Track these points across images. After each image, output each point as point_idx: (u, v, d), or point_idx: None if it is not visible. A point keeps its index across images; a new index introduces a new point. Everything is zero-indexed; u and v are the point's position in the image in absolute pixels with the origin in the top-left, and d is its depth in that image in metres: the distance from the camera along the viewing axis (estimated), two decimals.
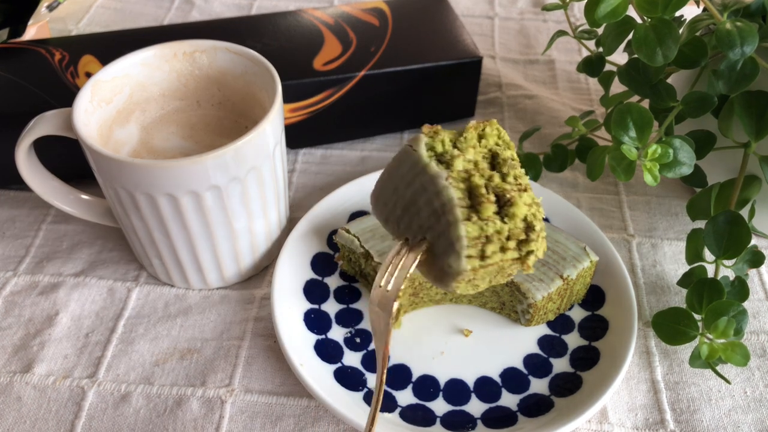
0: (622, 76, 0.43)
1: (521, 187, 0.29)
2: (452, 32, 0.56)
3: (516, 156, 0.30)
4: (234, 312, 0.44)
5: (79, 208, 0.44)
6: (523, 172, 0.29)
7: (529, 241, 0.28)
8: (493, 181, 0.29)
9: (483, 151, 0.30)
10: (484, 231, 0.27)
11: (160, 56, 0.43)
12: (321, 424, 0.38)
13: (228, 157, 0.36)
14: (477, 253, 0.28)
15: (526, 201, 0.28)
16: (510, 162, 0.29)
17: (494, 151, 0.30)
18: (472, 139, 0.30)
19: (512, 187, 0.28)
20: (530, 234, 0.28)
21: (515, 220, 0.28)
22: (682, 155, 0.38)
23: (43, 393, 0.39)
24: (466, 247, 0.27)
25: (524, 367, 0.41)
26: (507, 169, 0.29)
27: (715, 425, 0.38)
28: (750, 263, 0.41)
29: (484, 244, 0.28)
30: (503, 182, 0.29)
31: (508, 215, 0.28)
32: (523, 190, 0.29)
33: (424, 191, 0.29)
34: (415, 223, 0.30)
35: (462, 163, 0.29)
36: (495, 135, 0.31)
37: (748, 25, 0.37)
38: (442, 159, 0.29)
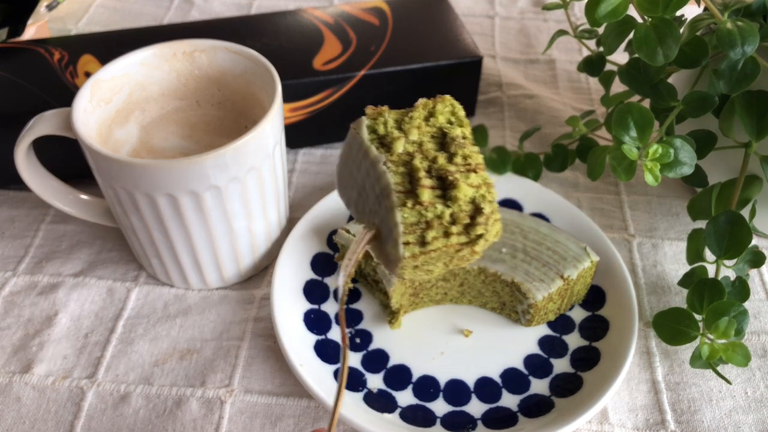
0: (623, 75, 0.43)
1: (470, 167, 0.27)
2: (452, 32, 0.56)
3: (469, 134, 0.28)
4: (234, 312, 0.44)
5: (79, 208, 0.44)
6: (477, 150, 0.28)
7: (475, 224, 0.26)
8: (437, 163, 0.27)
9: (432, 131, 0.28)
10: (423, 216, 0.26)
11: (159, 56, 0.43)
12: (321, 424, 0.38)
13: (227, 157, 0.36)
14: (416, 240, 0.26)
15: (473, 182, 0.27)
16: (459, 141, 0.28)
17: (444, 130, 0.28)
18: (418, 118, 0.28)
19: (458, 168, 0.27)
20: (478, 217, 0.26)
21: (458, 202, 0.26)
22: (682, 155, 0.38)
23: (42, 393, 0.39)
24: (402, 234, 0.26)
25: (525, 367, 0.41)
26: (455, 148, 0.27)
27: (715, 426, 0.38)
28: (751, 263, 0.41)
29: (424, 230, 0.26)
30: (448, 163, 0.27)
31: (451, 198, 0.26)
32: (471, 171, 0.27)
33: (368, 176, 0.28)
34: (366, 207, 0.29)
35: (403, 145, 0.27)
36: (447, 113, 0.29)
37: (749, 24, 0.37)
38: (384, 141, 0.28)
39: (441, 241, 0.26)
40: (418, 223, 0.26)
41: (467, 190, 0.26)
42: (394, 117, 0.28)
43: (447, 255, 0.27)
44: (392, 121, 0.28)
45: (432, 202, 0.26)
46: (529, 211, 0.49)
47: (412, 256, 0.26)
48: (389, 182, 0.27)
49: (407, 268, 0.28)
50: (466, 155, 0.27)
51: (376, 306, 0.44)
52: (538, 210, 0.49)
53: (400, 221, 0.26)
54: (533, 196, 0.49)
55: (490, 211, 0.27)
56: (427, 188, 0.26)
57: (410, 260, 0.27)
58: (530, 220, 0.45)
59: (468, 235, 0.27)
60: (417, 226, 0.26)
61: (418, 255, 0.26)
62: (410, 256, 0.26)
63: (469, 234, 0.27)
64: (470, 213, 0.26)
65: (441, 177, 0.27)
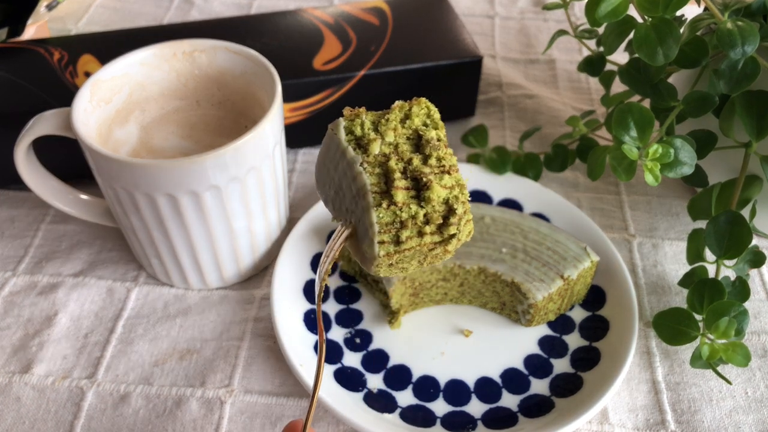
0: (623, 75, 0.43)
1: (443, 168, 0.28)
2: (452, 32, 0.56)
3: (443, 136, 0.29)
4: (233, 312, 0.44)
5: (78, 208, 0.44)
6: (450, 152, 0.29)
7: (448, 225, 0.27)
8: (412, 164, 0.28)
9: (408, 133, 0.29)
10: (397, 216, 0.27)
11: (159, 56, 0.43)
12: (321, 424, 0.38)
13: (227, 156, 0.36)
14: (390, 239, 0.27)
15: (446, 183, 0.28)
16: (434, 143, 0.28)
17: (419, 132, 0.29)
18: (394, 120, 0.29)
19: (432, 169, 0.28)
20: (450, 217, 0.27)
21: (432, 203, 0.27)
22: (683, 155, 0.38)
23: (42, 393, 0.39)
24: (378, 233, 0.27)
25: (525, 367, 0.41)
26: (429, 150, 0.28)
27: (716, 426, 0.38)
28: (751, 263, 0.40)
29: (398, 229, 0.27)
30: (423, 165, 0.28)
31: (425, 199, 0.27)
32: (445, 172, 0.28)
33: (345, 176, 0.29)
34: (343, 206, 0.30)
35: (379, 146, 0.28)
36: (422, 115, 0.30)
37: (749, 24, 0.37)
38: (361, 143, 0.29)
39: (415, 240, 0.27)
40: (392, 222, 0.27)
41: (440, 191, 0.27)
42: (371, 118, 0.29)
43: (421, 254, 0.28)
44: (369, 122, 0.29)
45: (406, 202, 0.27)
46: (529, 211, 0.49)
47: (387, 254, 0.27)
48: (365, 183, 0.28)
49: (382, 266, 0.29)
50: (440, 157, 0.28)
51: (376, 306, 0.44)
52: (538, 210, 0.49)
53: (375, 221, 0.27)
54: (533, 196, 0.49)
55: (462, 211, 0.27)
56: (401, 189, 0.27)
57: (385, 259, 0.28)
58: (530, 220, 0.45)
59: (441, 235, 0.27)
60: (392, 226, 0.27)
61: (393, 254, 0.27)
62: (385, 255, 0.27)
63: (442, 234, 0.27)
64: (443, 213, 0.27)
65: (415, 178, 0.28)
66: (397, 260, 0.28)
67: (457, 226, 0.27)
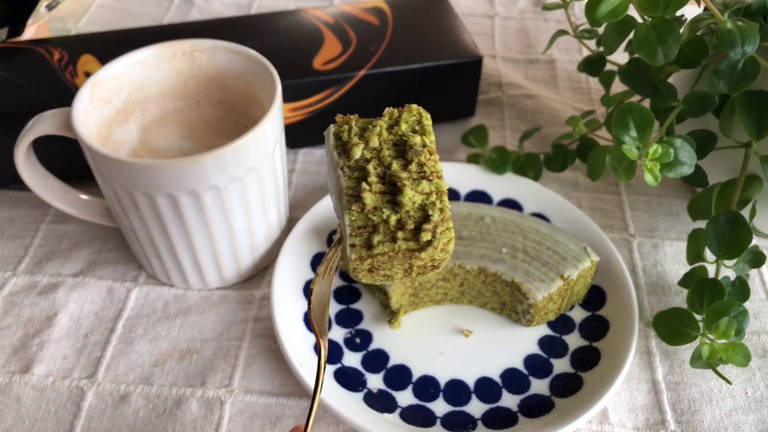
0: (623, 75, 0.43)
1: (423, 174, 0.28)
2: (452, 32, 0.56)
3: (429, 142, 0.29)
4: (234, 312, 0.44)
5: (78, 208, 0.44)
6: (435, 159, 0.28)
7: (422, 231, 0.27)
8: (391, 169, 0.28)
9: (395, 138, 0.29)
10: (370, 220, 0.27)
11: (159, 56, 0.43)
12: (321, 424, 0.38)
13: (227, 156, 0.36)
14: (362, 243, 0.27)
15: (423, 189, 0.27)
16: (416, 149, 0.28)
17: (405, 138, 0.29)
18: (379, 126, 0.29)
19: (410, 174, 0.28)
20: (425, 224, 0.27)
21: (405, 208, 0.27)
22: (683, 155, 0.38)
23: (42, 393, 0.39)
24: (349, 236, 0.27)
25: (525, 367, 0.41)
26: (411, 155, 0.28)
27: (716, 426, 0.38)
28: (751, 263, 0.40)
29: (371, 233, 0.27)
30: (402, 170, 0.28)
31: (398, 203, 0.27)
32: (424, 178, 0.28)
33: (332, 181, 0.30)
34: (336, 210, 0.30)
35: (361, 151, 0.28)
36: (412, 121, 0.30)
37: (749, 24, 0.37)
38: (345, 148, 0.29)
39: (388, 245, 0.27)
40: (365, 226, 0.27)
41: (413, 195, 0.27)
42: (360, 125, 0.29)
43: (402, 261, 0.28)
44: (357, 128, 0.29)
45: (377, 206, 0.27)
46: (529, 211, 0.49)
47: (359, 258, 0.27)
48: (343, 186, 0.28)
49: (361, 271, 0.29)
50: (422, 162, 0.28)
51: (376, 306, 0.44)
52: (538, 210, 0.49)
53: (347, 224, 0.27)
54: (533, 196, 0.49)
55: (439, 218, 0.27)
56: (370, 192, 0.27)
57: (358, 262, 0.28)
58: (530, 220, 0.45)
59: (417, 242, 0.27)
60: (364, 230, 0.27)
61: (366, 258, 0.27)
62: (357, 258, 0.27)
63: (418, 241, 0.27)
64: (418, 219, 0.27)
65: (393, 183, 0.28)
66: (374, 265, 0.28)
67: (432, 233, 0.27)
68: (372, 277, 0.29)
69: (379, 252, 0.27)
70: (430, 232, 0.27)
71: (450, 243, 0.28)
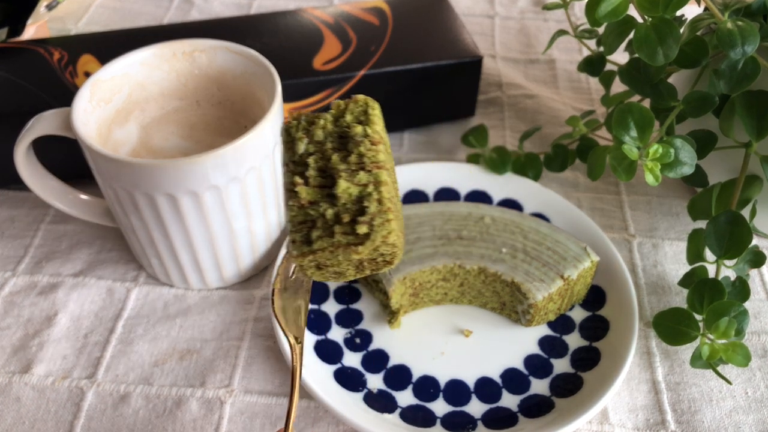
0: (623, 75, 0.43)
1: (362, 165, 0.27)
2: (452, 32, 0.56)
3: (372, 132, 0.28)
4: (233, 312, 0.44)
5: (78, 208, 0.44)
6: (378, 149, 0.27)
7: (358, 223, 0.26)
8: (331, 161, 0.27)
9: (340, 131, 0.28)
10: (309, 215, 0.26)
11: (159, 56, 0.43)
12: (321, 424, 0.38)
13: (227, 156, 0.36)
14: (302, 238, 0.26)
15: (360, 180, 0.26)
16: (357, 139, 0.27)
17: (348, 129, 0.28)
18: (324, 120, 0.28)
19: (348, 166, 0.27)
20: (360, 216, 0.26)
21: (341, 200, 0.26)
22: (683, 155, 0.38)
23: (42, 393, 0.39)
24: (290, 232, 0.27)
25: (525, 367, 0.41)
26: (352, 146, 0.27)
27: (716, 426, 0.38)
28: (751, 263, 0.40)
29: (310, 228, 0.26)
30: (341, 162, 0.27)
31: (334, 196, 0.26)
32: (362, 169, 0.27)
33: None
34: None
35: (305, 145, 0.28)
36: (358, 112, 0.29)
37: (749, 24, 0.37)
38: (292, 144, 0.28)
39: (326, 240, 0.26)
40: (305, 222, 0.27)
41: (348, 187, 0.26)
42: (308, 119, 0.29)
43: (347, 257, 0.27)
44: (304, 123, 0.29)
45: (316, 200, 0.26)
46: (529, 211, 0.49)
47: (301, 254, 0.26)
48: (284, 182, 0.27)
49: (309, 268, 0.28)
50: (361, 153, 0.27)
51: (376, 306, 0.44)
52: (538, 210, 0.49)
53: (288, 219, 0.27)
54: (533, 196, 0.49)
55: (375, 210, 0.26)
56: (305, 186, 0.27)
57: (300, 259, 0.27)
58: (530, 220, 0.45)
59: (356, 236, 0.26)
60: (304, 225, 0.27)
61: (307, 254, 0.26)
62: (298, 255, 0.26)
63: (357, 234, 0.26)
64: (355, 212, 0.26)
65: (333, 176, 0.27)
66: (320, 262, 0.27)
67: (369, 225, 0.26)
68: (322, 274, 0.28)
69: (318, 247, 0.26)
70: (366, 225, 0.26)
71: (390, 235, 0.26)
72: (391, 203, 0.26)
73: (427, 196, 0.50)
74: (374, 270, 0.29)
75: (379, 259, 0.28)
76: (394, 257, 0.28)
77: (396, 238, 0.26)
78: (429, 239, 0.43)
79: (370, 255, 0.27)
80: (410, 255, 0.43)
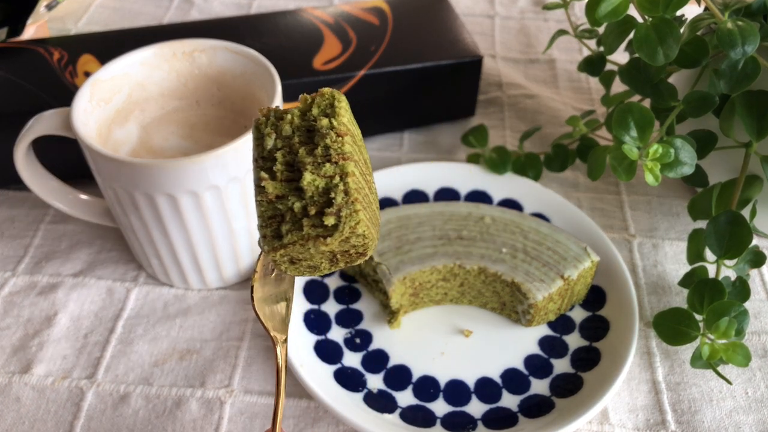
0: (623, 75, 0.43)
1: (328, 157, 0.27)
2: (452, 31, 0.56)
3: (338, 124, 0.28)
4: (233, 312, 0.44)
5: (78, 208, 0.44)
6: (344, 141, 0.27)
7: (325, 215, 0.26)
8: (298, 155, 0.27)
9: (307, 125, 0.28)
10: (278, 210, 0.26)
11: (159, 56, 0.43)
12: (321, 424, 0.38)
13: (227, 156, 0.36)
14: (272, 233, 0.27)
15: (326, 172, 0.26)
16: (323, 131, 0.27)
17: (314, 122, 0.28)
18: (291, 114, 0.28)
19: (315, 158, 0.27)
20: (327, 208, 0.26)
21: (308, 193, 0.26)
22: (683, 155, 0.38)
23: (42, 393, 0.39)
24: (260, 228, 0.27)
25: (525, 367, 0.41)
26: (318, 139, 0.27)
27: (716, 426, 0.38)
28: (751, 263, 0.40)
29: (279, 223, 0.26)
30: (307, 155, 0.27)
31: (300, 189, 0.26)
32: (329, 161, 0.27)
33: None
34: None
35: (272, 141, 0.28)
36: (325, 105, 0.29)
37: (750, 24, 0.37)
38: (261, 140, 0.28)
39: (296, 234, 0.26)
40: (274, 216, 0.27)
41: (314, 179, 0.26)
42: (276, 115, 0.29)
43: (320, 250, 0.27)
44: (273, 119, 0.28)
45: (284, 194, 0.27)
46: (529, 211, 0.49)
47: (273, 249, 0.27)
48: (255, 177, 0.27)
49: (281, 263, 0.28)
50: (327, 145, 0.27)
51: (376, 306, 0.44)
52: (538, 210, 0.49)
53: (258, 215, 0.27)
54: (533, 196, 0.49)
55: (342, 201, 0.26)
56: (272, 181, 0.27)
57: (273, 254, 0.27)
58: (530, 220, 0.45)
59: (325, 228, 0.26)
60: (273, 220, 0.27)
61: (278, 248, 0.27)
62: (270, 250, 0.27)
63: (325, 227, 0.26)
64: (322, 204, 0.26)
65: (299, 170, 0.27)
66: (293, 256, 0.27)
67: (336, 216, 0.26)
68: (297, 269, 0.28)
69: (289, 241, 0.26)
70: (333, 216, 0.26)
71: (359, 225, 0.26)
72: (358, 194, 0.27)
73: (427, 196, 0.50)
74: (348, 263, 0.29)
75: (351, 251, 0.28)
76: (366, 248, 0.28)
77: (365, 228, 0.27)
78: (429, 239, 0.43)
79: (341, 247, 0.27)
80: (410, 255, 0.43)
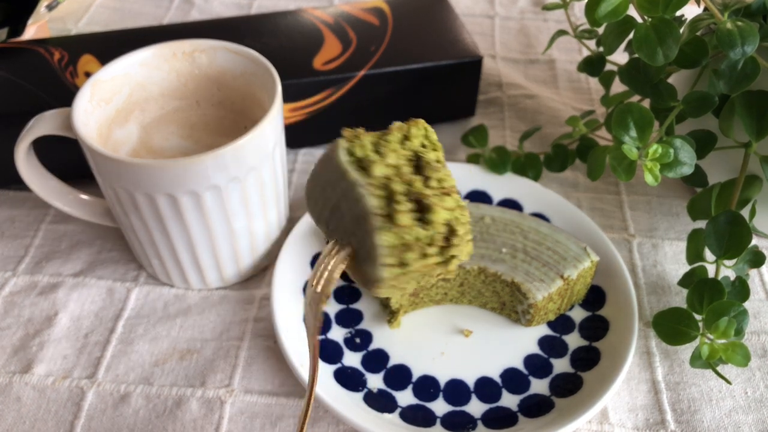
0: (623, 75, 0.43)
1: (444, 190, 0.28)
2: (452, 32, 0.56)
3: (441, 158, 0.29)
4: (234, 312, 0.44)
5: (79, 208, 0.44)
6: (449, 173, 0.29)
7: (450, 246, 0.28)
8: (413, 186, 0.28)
9: (408, 154, 0.29)
10: (403, 239, 0.27)
11: (159, 56, 0.43)
12: (321, 424, 0.38)
13: (227, 157, 0.36)
14: (396, 262, 0.27)
15: (448, 205, 0.28)
16: (433, 164, 0.29)
17: (419, 154, 0.29)
18: (394, 142, 0.29)
19: (434, 191, 0.28)
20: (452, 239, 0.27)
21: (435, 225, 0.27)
22: (682, 155, 0.38)
23: (42, 393, 0.39)
24: (383, 256, 0.27)
25: (525, 367, 0.41)
26: (429, 172, 0.28)
27: (715, 426, 0.38)
28: (751, 263, 0.40)
29: (403, 252, 0.27)
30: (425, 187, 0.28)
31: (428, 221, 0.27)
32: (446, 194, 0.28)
33: (345, 197, 0.28)
34: (341, 226, 0.29)
35: (381, 168, 0.28)
36: (421, 136, 0.30)
37: (749, 24, 0.37)
38: (362, 164, 0.28)
39: (419, 262, 0.27)
40: (397, 246, 0.27)
41: (443, 213, 0.27)
42: (370, 139, 0.29)
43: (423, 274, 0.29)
44: (369, 143, 0.29)
45: (410, 225, 0.27)
46: (529, 211, 0.49)
47: (393, 277, 0.27)
48: (369, 205, 0.27)
49: (385, 287, 0.29)
50: (440, 179, 0.28)
51: (376, 306, 0.44)
52: (538, 210, 0.49)
53: (381, 243, 0.27)
54: (533, 196, 0.49)
55: (464, 232, 0.28)
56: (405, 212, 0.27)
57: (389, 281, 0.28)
58: (530, 220, 0.45)
59: (443, 256, 0.28)
60: (396, 249, 0.27)
61: (399, 276, 0.28)
62: (390, 278, 0.27)
63: (444, 255, 0.28)
64: (445, 235, 0.28)
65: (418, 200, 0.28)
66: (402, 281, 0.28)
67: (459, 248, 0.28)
68: (390, 291, 0.29)
69: (412, 269, 0.27)
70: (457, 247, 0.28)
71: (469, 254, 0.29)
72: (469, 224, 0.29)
73: None
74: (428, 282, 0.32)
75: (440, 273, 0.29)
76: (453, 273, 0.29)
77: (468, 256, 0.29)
78: None
79: None
80: None
